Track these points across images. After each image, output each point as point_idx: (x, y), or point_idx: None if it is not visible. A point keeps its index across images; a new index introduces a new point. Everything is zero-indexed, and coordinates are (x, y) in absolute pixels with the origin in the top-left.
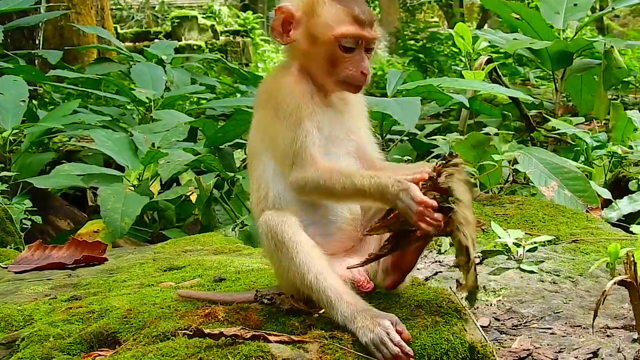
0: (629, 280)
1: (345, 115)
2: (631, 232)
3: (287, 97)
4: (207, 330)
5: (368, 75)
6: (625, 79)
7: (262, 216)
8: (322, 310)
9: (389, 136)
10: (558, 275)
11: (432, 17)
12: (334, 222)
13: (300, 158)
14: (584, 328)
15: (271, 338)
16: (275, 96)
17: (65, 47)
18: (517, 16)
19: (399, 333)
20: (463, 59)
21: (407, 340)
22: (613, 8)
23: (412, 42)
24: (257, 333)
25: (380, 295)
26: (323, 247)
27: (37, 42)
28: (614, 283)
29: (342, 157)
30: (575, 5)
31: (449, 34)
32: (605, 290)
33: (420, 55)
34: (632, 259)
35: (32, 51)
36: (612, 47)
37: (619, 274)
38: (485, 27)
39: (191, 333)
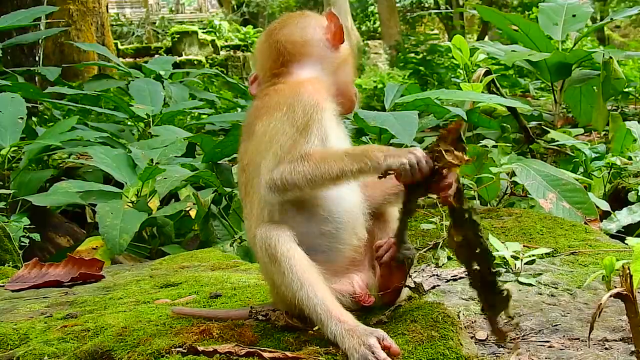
0: (625, 293)
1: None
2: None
3: (304, 101)
4: (200, 348)
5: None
6: (626, 90)
7: (257, 229)
8: (317, 327)
9: None
10: (556, 288)
11: (433, 30)
12: (341, 251)
13: (291, 155)
14: (582, 341)
15: (265, 355)
16: (291, 98)
17: (64, 64)
18: (516, 28)
19: (387, 348)
20: (461, 71)
21: (397, 355)
22: (612, 19)
23: (412, 54)
24: (251, 350)
25: (377, 309)
26: (325, 269)
27: (37, 58)
28: (610, 296)
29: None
30: (574, 16)
31: (449, 47)
32: (600, 304)
33: (421, 68)
34: (628, 271)
35: (31, 68)
36: (610, 58)
37: (615, 287)
38: (486, 39)
39: (185, 351)
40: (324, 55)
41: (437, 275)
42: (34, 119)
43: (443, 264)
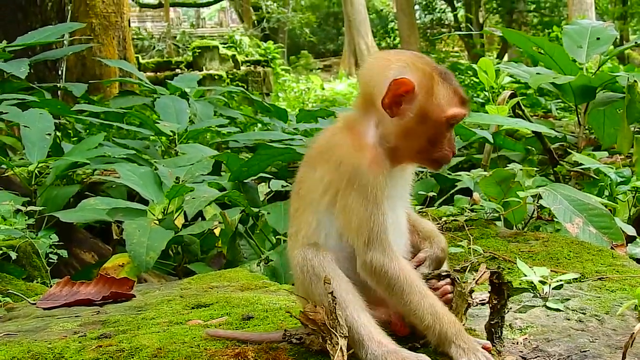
0: None
1: (404, 174)
2: None
3: (366, 173)
4: None
5: (455, 153)
6: None
7: (298, 250)
8: (351, 350)
9: None
10: (584, 314)
11: (452, 47)
12: None
13: (376, 240)
14: None
15: None
16: (351, 165)
17: (86, 78)
18: (540, 50)
19: None
20: (486, 93)
21: None
22: (636, 42)
23: None
24: None
25: (410, 336)
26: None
27: (59, 72)
28: None
29: (401, 217)
30: (598, 39)
31: (469, 65)
32: (633, 333)
33: None
34: None
35: (57, 84)
36: (635, 81)
37: None
38: (505, 57)
39: None
40: (381, 117)
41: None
42: (58, 133)
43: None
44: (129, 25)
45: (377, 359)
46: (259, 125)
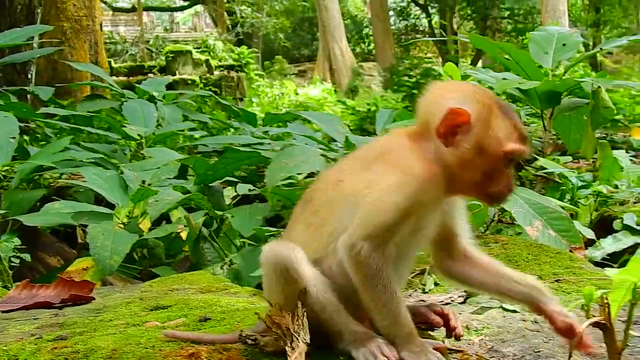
0: (603, 322)
1: (450, 207)
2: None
3: (418, 185)
4: None
5: (513, 192)
6: (615, 117)
7: (266, 244)
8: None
9: None
10: (539, 315)
11: (426, 53)
12: None
13: (378, 240)
14: None
15: None
16: (408, 171)
17: (57, 85)
18: (507, 56)
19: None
20: None
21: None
22: (601, 48)
23: (406, 78)
24: None
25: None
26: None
27: (29, 76)
28: (589, 325)
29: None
30: (564, 45)
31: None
32: (580, 332)
33: (414, 91)
34: (606, 301)
35: (25, 87)
36: (599, 87)
37: (594, 315)
38: (479, 63)
39: None
40: (438, 145)
41: (423, 300)
42: (25, 137)
43: (430, 290)
44: (101, 29)
45: (353, 345)
46: (232, 130)
